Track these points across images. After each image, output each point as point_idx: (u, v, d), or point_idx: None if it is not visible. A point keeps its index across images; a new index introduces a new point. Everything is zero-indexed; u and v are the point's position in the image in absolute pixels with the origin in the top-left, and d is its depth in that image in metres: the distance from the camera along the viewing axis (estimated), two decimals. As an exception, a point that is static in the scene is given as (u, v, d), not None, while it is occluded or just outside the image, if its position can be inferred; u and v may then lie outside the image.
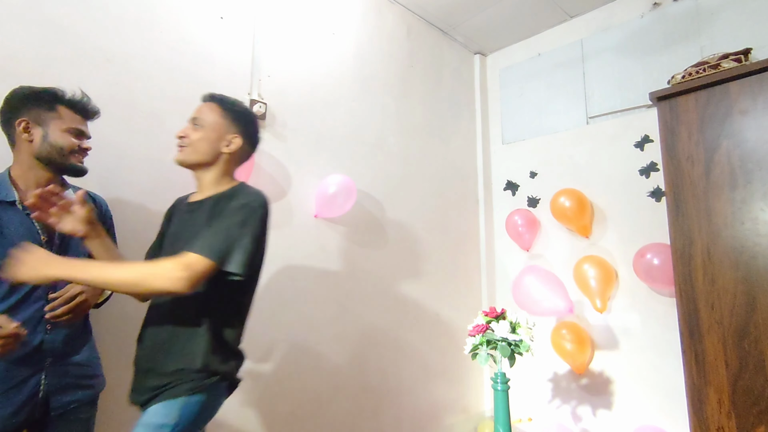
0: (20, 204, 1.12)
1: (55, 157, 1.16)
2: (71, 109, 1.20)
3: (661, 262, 2.16)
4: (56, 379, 1.13)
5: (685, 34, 2.36)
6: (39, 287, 1.11)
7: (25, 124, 1.13)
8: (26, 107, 1.15)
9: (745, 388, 1.59)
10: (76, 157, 1.19)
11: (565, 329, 2.52)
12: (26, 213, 1.12)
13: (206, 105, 1.29)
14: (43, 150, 1.14)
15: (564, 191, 2.62)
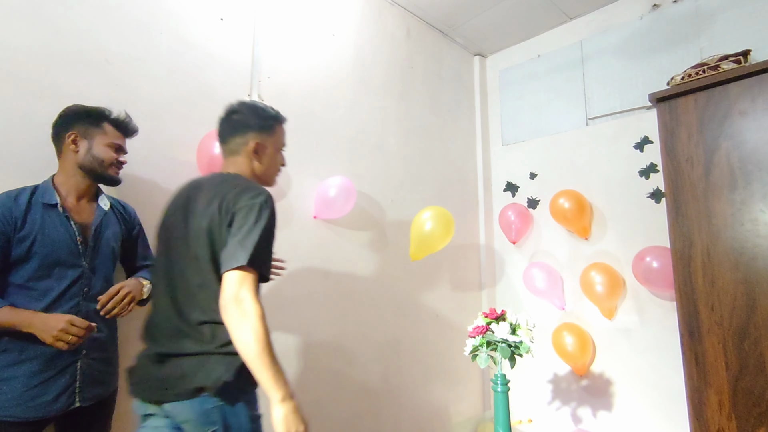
0: (61, 207, 1.24)
1: (96, 167, 1.30)
2: (115, 127, 1.34)
3: (660, 265, 2.16)
4: (88, 371, 1.23)
5: (685, 36, 2.36)
6: (74, 285, 1.22)
7: (74, 136, 1.28)
8: (77, 123, 1.29)
9: (746, 390, 1.59)
10: (113, 168, 1.33)
11: (566, 331, 2.52)
12: (65, 216, 1.24)
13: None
14: (87, 160, 1.28)
15: (563, 192, 2.62)
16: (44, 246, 1.17)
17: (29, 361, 1.14)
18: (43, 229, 1.18)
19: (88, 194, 1.33)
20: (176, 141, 1.74)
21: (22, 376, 1.13)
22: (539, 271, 2.68)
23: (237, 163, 1.26)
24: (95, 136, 1.29)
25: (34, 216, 1.18)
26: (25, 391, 1.12)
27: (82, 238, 1.25)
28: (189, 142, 1.76)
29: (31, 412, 1.12)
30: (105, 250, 1.31)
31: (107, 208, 1.36)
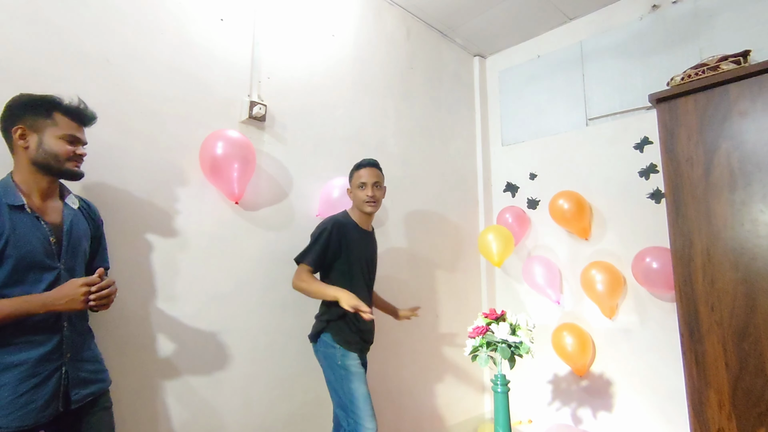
0: (29, 208, 1.16)
1: (51, 162, 1.19)
2: (67, 116, 1.22)
3: (659, 266, 2.16)
4: (75, 373, 1.20)
5: (685, 36, 2.36)
6: (51, 288, 1.15)
7: (21, 131, 1.17)
8: (23, 115, 1.18)
9: (746, 390, 1.59)
10: (71, 162, 1.22)
11: (565, 331, 2.52)
12: (35, 216, 1.17)
13: (376, 171, 1.89)
14: (39, 156, 1.18)
15: (562, 193, 2.63)
16: (18, 249, 1.11)
17: (14, 368, 1.10)
18: (14, 231, 1.12)
19: (53, 192, 1.24)
20: (176, 141, 1.74)
21: (9, 384, 1.09)
22: (538, 265, 2.69)
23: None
24: (45, 129, 1.18)
25: (2, 219, 1.11)
26: (13, 400, 1.08)
27: (56, 238, 1.19)
28: (189, 142, 1.76)
29: (22, 421, 1.08)
30: (78, 250, 1.25)
31: (76, 207, 1.29)
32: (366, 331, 1.85)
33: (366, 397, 1.71)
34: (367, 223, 1.94)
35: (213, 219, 1.82)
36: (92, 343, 1.32)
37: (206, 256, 1.79)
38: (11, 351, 1.11)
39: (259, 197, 1.98)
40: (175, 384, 1.64)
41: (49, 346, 1.15)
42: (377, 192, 1.87)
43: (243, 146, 1.78)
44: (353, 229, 1.86)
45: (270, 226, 2.00)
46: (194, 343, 1.71)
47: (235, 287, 1.86)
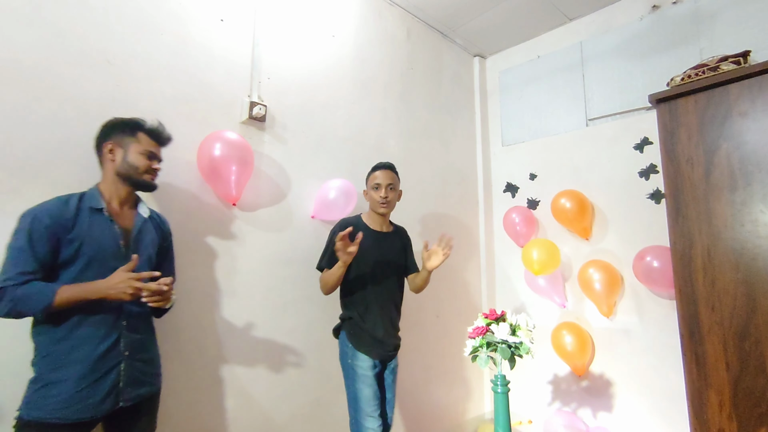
0: (106, 211, 1.31)
1: (132, 173, 1.36)
2: (148, 135, 1.40)
3: (660, 264, 2.16)
4: (130, 372, 1.28)
5: (685, 37, 2.36)
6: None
7: (111, 146, 1.36)
8: (113, 133, 1.37)
9: (746, 390, 1.59)
10: (148, 174, 1.39)
11: (565, 330, 2.52)
12: (110, 219, 1.31)
13: (391, 173, 1.94)
14: (122, 168, 1.35)
15: (565, 192, 2.62)
16: (91, 247, 1.24)
17: (76, 363, 1.19)
18: (90, 232, 1.25)
19: (129, 201, 1.40)
20: (176, 141, 1.73)
21: (71, 379, 1.18)
22: None
23: None
24: (130, 145, 1.36)
25: (83, 219, 1.25)
26: (74, 393, 1.17)
27: (125, 241, 1.32)
28: (189, 143, 1.76)
29: (81, 414, 1.17)
30: (143, 255, 1.36)
31: (146, 215, 1.42)
32: (374, 330, 1.84)
33: (368, 399, 1.77)
34: (381, 224, 1.97)
35: (211, 220, 1.82)
36: (152, 346, 1.41)
37: (205, 257, 1.79)
38: (73, 347, 1.20)
39: (259, 198, 1.98)
40: (176, 383, 1.64)
41: (108, 344, 1.24)
42: (391, 194, 1.92)
43: (241, 148, 1.78)
44: (363, 230, 1.87)
45: (269, 227, 2.00)
46: (191, 344, 1.71)
47: (234, 288, 1.86)
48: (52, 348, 1.19)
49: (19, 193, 1.37)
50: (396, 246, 1.99)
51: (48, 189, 1.42)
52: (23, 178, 1.39)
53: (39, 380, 1.18)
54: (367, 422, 1.76)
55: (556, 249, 2.55)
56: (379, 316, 1.86)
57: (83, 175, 1.49)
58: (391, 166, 1.96)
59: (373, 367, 1.82)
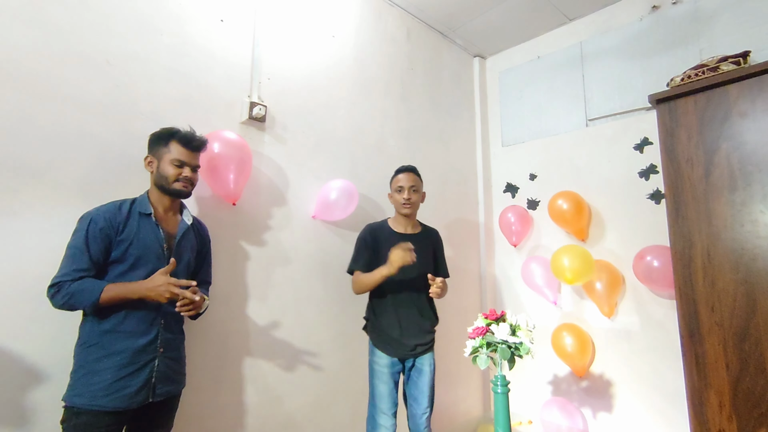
0: (154, 216, 1.40)
1: (163, 183, 1.42)
2: (179, 144, 1.43)
3: (660, 264, 2.16)
4: (163, 368, 1.35)
5: (684, 37, 2.36)
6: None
7: (149, 159, 1.44)
8: (152, 146, 1.44)
9: (746, 391, 1.59)
10: (178, 183, 1.43)
11: (565, 331, 2.52)
12: (156, 224, 1.40)
13: (413, 175, 2.00)
14: (157, 178, 1.43)
15: (561, 194, 2.63)
16: (138, 248, 1.33)
17: (117, 354, 1.27)
18: (138, 234, 1.35)
19: (173, 208, 1.48)
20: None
21: (111, 368, 1.25)
22: (537, 266, 2.69)
23: None
24: (163, 156, 1.42)
25: (132, 223, 1.36)
26: (112, 383, 1.24)
27: (167, 245, 1.40)
28: (189, 143, 1.76)
29: (116, 403, 1.23)
30: (183, 259, 1.44)
31: (189, 222, 1.50)
32: (390, 330, 1.90)
33: (383, 396, 1.85)
34: (406, 225, 2.03)
35: (210, 220, 1.82)
36: (182, 346, 1.48)
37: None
38: (117, 339, 1.28)
39: (259, 198, 1.98)
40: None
41: (147, 339, 1.32)
42: (414, 195, 1.97)
43: (239, 147, 1.78)
44: (386, 232, 1.99)
45: (269, 227, 2.00)
46: (195, 343, 1.71)
47: (233, 288, 1.86)
48: (99, 339, 1.27)
49: (19, 194, 1.37)
50: (423, 247, 1.99)
51: (48, 189, 1.42)
52: (23, 178, 1.39)
53: (82, 368, 1.26)
54: (380, 419, 1.83)
55: (588, 254, 2.42)
56: (395, 316, 1.92)
57: (83, 176, 1.49)
58: (413, 168, 2.02)
59: (391, 365, 1.89)
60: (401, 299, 1.94)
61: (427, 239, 2.05)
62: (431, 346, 1.98)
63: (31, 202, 1.39)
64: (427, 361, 1.94)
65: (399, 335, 1.90)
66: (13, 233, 1.35)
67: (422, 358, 1.94)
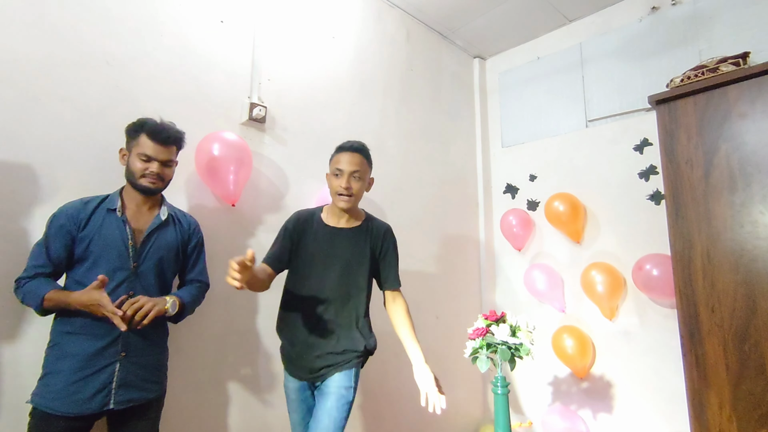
0: (119, 212, 1.32)
1: (131, 178, 1.35)
2: (147, 136, 1.34)
3: (660, 273, 2.15)
4: (125, 374, 1.26)
5: (684, 38, 2.37)
6: (120, 287, 1.28)
7: (123, 153, 1.37)
8: (126, 138, 1.37)
9: (746, 392, 1.59)
10: (144, 178, 1.34)
11: (566, 333, 2.52)
12: (122, 220, 1.32)
13: (359, 158, 1.54)
14: (126, 173, 1.36)
15: (558, 195, 2.63)
16: (98, 246, 1.26)
17: (73, 356, 1.21)
18: (100, 231, 1.28)
19: (148, 204, 1.40)
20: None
21: (66, 371, 1.19)
22: (540, 273, 2.68)
23: None
24: (132, 149, 1.35)
25: (96, 219, 1.29)
26: (65, 387, 1.18)
27: (133, 242, 1.32)
28: (189, 144, 1.75)
29: (68, 407, 1.17)
30: (154, 257, 1.36)
31: (164, 218, 1.41)
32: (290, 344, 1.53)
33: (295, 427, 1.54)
34: (340, 217, 1.59)
35: (210, 221, 1.82)
36: (158, 351, 1.39)
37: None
38: (74, 340, 1.22)
39: (259, 199, 1.98)
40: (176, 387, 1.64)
41: (105, 342, 1.24)
42: (355, 184, 1.51)
43: (239, 148, 1.78)
44: (316, 223, 1.59)
45: (269, 228, 2.00)
46: (189, 346, 1.71)
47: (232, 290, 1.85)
48: (59, 339, 1.23)
49: (19, 194, 1.37)
50: (358, 246, 1.58)
51: (47, 190, 1.42)
52: (23, 179, 1.39)
53: (44, 368, 1.22)
54: None
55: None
56: (295, 327, 1.52)
57: (83, 176, 1.49)
58: (360, 147, 1.55)
59: (300, 389, 1.53)
60: (312, 305, 1.52)
61: (364, 235, 1.60)
62: (347, 364, 1.49)
63: (30, 203, 1.39)
64: (335, 382, 1.46)
65: (299, 352, 1.50)
66: (12, 234, 1.35)
67: (329, 379, 1.48)
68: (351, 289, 1.55)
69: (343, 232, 1.58)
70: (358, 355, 1.51)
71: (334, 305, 1.53)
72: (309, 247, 1.56)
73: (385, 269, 1.64)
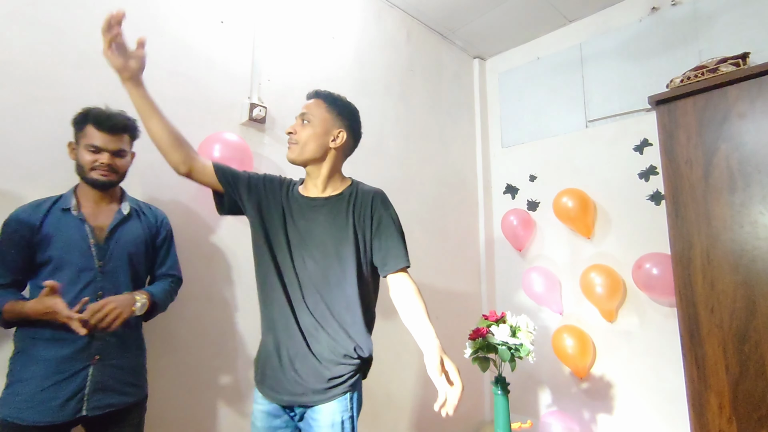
0: (75, 210, 1.24)
1: (81, 173, 1.26)
2: (94, 126, 1.24)
3: (660, 272, 2.15)
4: (100, 378, 1.19)
5: (684, 38, 2.37)
6: (87, 288, 1.20)
7: (71, 147, 1.28)
8: (74, 131, 1.27)
9: (746, 393, 1.59)
10: (95, 171, 1.25)
11: (566, 333, 2.52)
12: (80, 219, 1.24)
13: (313, 102, 1.30)
14: (76, 168, 1.27)
15: (566, 191, 2.63)
16: (57, 249, 1.19)
17: (43, 362, 1.14)
18: (58, 232, 1.20)
19: (106, 198, 1.31)
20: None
21: (36, 377, 1.13)
22: (538, 276, 2.69)
23: None
24: (80, 141, 1.26)
25: (51, 221, 1.21)
26: (35, 394, 1.11)
27: (95, 240, 1.24)
28: (189, 145, 1.76)
29: (39, 416, 1.11)
30: (120, 254, 1.28)
31: (126, 212, 1.33)
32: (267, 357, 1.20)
33: None
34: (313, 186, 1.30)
35: (210, 222, 1.82)
36: (135, 353, 1.32)
37: (204, 259, 1.79)
38: (42, 346, 1.15)
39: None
40: (170, 388, 1.64)
41: (77, 345, 1.16)
42: (302, 129, 1.25)
43: (239, 149, 1.78)
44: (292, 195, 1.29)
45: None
46: (185, 348, 1.71)
47: (232, 292, 1.86)
48: (26, 345, 1.16)
49: (18, 195, 1.37)
50: (337, 220, 1.23)
51: (47, 191, 1.42)
52: (22, 179, 1.39)
53: (10, 377, 1.16)
54: None
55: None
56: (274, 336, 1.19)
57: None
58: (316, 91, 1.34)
59: (267, 416, 1.18)
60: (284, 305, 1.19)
61: (345, 205, 1.26)
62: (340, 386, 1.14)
63: (30, 204, 1.39)
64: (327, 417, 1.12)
65: (277, 366, 1.17)
66: None
67: (317, 408, 1.14)
68: (334, 278, 1.19)
69: (317, 204, 1.25)
70: (353, 369, 1.17)
71: (313, 302, 1.18)
72: (275, 222, 1.23)
73: (384, 246, 1.22)
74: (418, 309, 1.18)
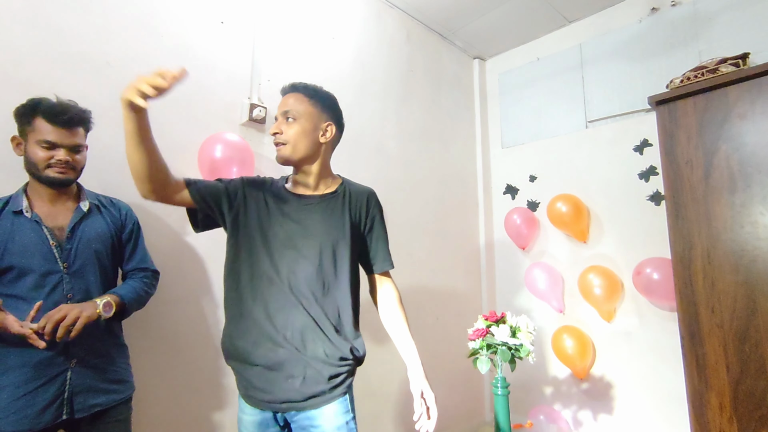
0: (28, 212, 1.16)
1: (33, 171, 1.17)
2: (45, 120, 1.15)
3: (660, 276, 2.15)
4: (81, 380, 1.15)
5: (684, 39, 2.37)
6: (55, 291, 1.14)
7: (16, 141, 1.18)
8: (19, 124, 1.18)
9: (747, 392, 1.59)
10: (51, 169, 1.16)
11: (566, 333, 2.52)
12: (35, 221, 1.16)
13: (292, 96, 1.23)
14: (26, 165, 1.17)
15: (560, 196, 2.63)
16: (15, 254, 1.11)
17: (16, 369, 1.08)
18: (13, 237, 1.12)
19: (63, 196, 1.23)
20: (176, 143, 1.74)
21: (9, 386, 1.07)
22: (541, 272, 2.69)
23: None
24: (28, 136, 1.15)
25: (5, 225, 1.13)
26: (10, 402, 1.06)
27: (57, 242, 1.17)
28: (189, 145, 1.76)
29: (16, 426, 1.05)
30: (85, 252, 1.21)
31: (86, 209, 1.25)
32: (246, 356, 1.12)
33: None
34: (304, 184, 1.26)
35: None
36: (116, 352, 1.26)
37: (204, 260, 1.78)
38: (13, 353, 1.08)
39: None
40: (165, 388, 1.64)
41: (55, 349, 1.10)
42: (288, 128, 1.20)
43: (241, 149, 1.78)
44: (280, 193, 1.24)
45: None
46: (183, 349, 1.71)
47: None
48: None
49: (19, 196, 1.37)
50: (333, 218, 1.22)
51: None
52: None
53: None
54: None
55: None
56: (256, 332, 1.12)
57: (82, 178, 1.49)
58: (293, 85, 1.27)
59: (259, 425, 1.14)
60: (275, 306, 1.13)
61: (341, 203, 1.25)
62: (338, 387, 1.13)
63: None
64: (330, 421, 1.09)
65: (267, 371, 1.11)
66: None
67: (315, 414, 1.10)
68: (329, 278, 1.17)
69: (311, 202, 1.22)
70: (349, 369, 1.15)
71: (308, 303, 1.13)
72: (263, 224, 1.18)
73: (373, 247, 1.27)
74: (401, 322, 1.34)
